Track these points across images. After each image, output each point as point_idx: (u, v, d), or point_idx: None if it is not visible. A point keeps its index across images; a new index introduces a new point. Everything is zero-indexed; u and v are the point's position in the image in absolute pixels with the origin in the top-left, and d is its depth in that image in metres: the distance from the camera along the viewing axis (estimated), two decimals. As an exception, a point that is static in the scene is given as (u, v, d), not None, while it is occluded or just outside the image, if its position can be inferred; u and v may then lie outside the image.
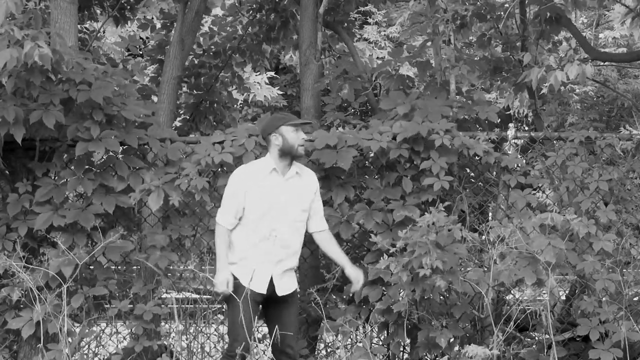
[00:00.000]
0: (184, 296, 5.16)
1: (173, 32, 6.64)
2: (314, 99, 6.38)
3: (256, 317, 4.15)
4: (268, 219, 4.09)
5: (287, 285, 4.19)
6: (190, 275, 5.33)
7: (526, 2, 6.22)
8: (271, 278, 4.12)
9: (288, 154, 4.14)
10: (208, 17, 8.66)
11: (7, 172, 4.95)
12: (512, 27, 6.65)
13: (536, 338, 5.16)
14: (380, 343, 5.07)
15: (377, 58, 13.65)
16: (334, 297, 5.07)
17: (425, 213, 4.36)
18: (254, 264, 4.10)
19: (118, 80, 4.98)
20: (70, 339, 4.60)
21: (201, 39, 8.01)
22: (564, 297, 5.36)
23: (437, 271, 4.18)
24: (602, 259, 4.71)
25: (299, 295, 4.33)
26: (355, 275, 4.28)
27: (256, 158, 4.87)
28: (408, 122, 4.95)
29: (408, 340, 4.97)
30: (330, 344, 5.31)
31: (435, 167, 4.81)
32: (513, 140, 5.29)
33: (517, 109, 7.29)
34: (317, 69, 6.38)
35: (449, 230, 4.30)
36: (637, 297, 4.95)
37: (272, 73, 13.70)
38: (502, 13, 5.99)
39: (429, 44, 6.44)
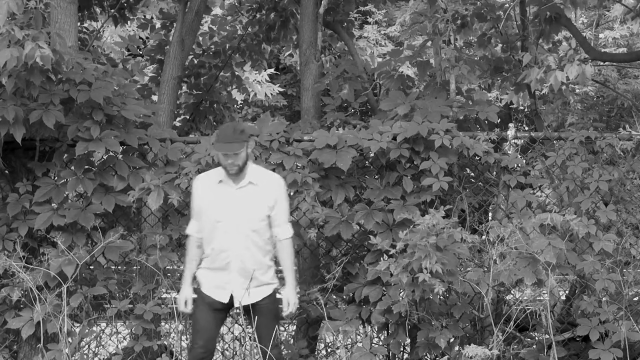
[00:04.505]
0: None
1: (173, 32, 6.65)
2: (314, 99, 6.38)
3: (217, 322, 4.08)
4: (220, 231, 3.98)
5: (250, 296, 4.01)
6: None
7: (526, 2, 6.22)
8: (233, 288, 4.02)
9: (225, 169, 4.01)
10: (208, 16, 8.67)
11: (7, 172, 4.95)
12: (513, 27, 6.65)
13: (536, 338, 5.16)
14: (380, 343, 5.07)
15: (378, 55, 13.65)
16: (334, 297, 5.06)
17: (426, 213, 4.36)
18: (215, 274, 4.05)
19: (118, 80, 4.98)
20: (70, 339, 4.60)
21: (201, 38, 8.02)
22: (564, 297, 5.36)
23: (436, 275, 4.17)
24: (602, 259, 4.71)
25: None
26: (287, 297, 4.08)
27: (256, 158, 4.89)
28: (408, 122, 4.95)
29: (408, 340, 4.97)
30: (330, 344, 5.31)
31: (435, 168, 4.81)
32: (513, 140, 5.29)
33: (521, 105, 7.29)
34: (317, 69, 6.38)
35: (449, 232, 4.30)
36: (637, 297, 4.95)
37: (272, 70, 13.68)
38: (501, 13, 5.99)
39: (429, 43, 6.44)
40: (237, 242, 3.98)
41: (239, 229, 3.98)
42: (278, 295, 4.16)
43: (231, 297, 4.04)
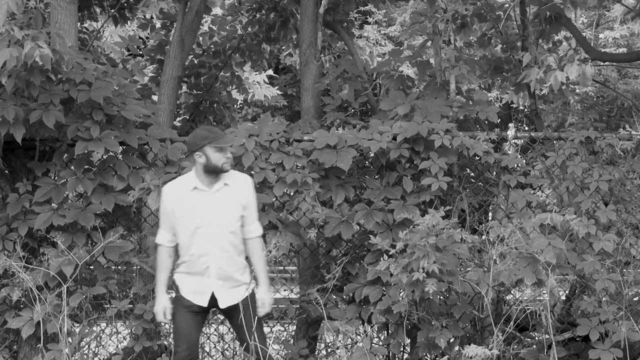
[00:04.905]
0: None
1: (173, 32, 6.65)
2: (314, 99, 6.38)
3: (198, 325, 4.10)
4: (200, 236, 3.99)
5: (230, 298, 4.05)
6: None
7: (526, 2, 6.22)
8: (213, 292, 4.04)
9: (213, 171, 4.00)
10: (208, 16, 8.66)
11: (7, 172, 4.95)
12: (513, 27, 6.65)
13: (536, 338, 5.16)
14: (380, 343, 5.07)
15: (378, 55, 13.64)
16: (334, 297, 5.06)
17: (426, 213, 4.36)
18: (193, 278, 4.06)
19: (118, 80, 4.99)
20: (70, 339, 4.60)
21: (201, 38, 8.01)
22: (564, 297, 5.36)
23: (433, 275, 4.17)
24: (602, 259, 4.71)
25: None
26: (262, 298, 4.09)
27: (256, 158, 4.89)
28: (408, 122, 4.95)
29: (408, 340, 4.97)
30: (330, 344, 5.31)
31: (434, 168, 4.81)
32: (513, 140, 5.29)
33: (521, 105, 7.30)
34: (317, 69, 6.38)
35: (449, 232, 4.30)
36: (637, 297, 4.95)
37: (271, 72, 13.67)
38: (502, 13, 5.99)
39: (429, 43, 6.44)
40: (216, 246, 4.00)
41: (219, 233, 4.00)
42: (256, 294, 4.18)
43: (211, 299, 4.05)
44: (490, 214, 5.33)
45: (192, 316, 4.06)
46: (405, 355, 5.08)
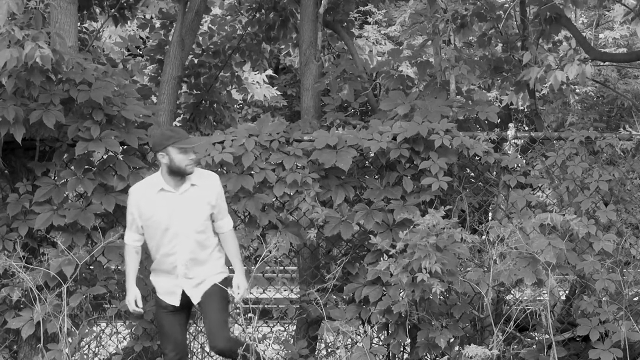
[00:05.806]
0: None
1: (173, 32, 6.65)
2: (314, 99, 6.37)
3: (181, 323, 4.17)
4: (167, 238, 4.03)
5: (200, 293, 4.11)
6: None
7: (526, 2, 6.22)
8: (183, 290, 4.10)
9: (177, 173, 4.01)
10: (207, 16, 8.65)
11: (7, 172, 4.95)
12: (513, 27, 6.64)
13: (536, 338, 5.16)
14: (380, 343, 5.07)
15: (378, 55, 13.63)
16: (334, 297, 5.07)
17: (426, 213, 4.37)
18: (164, 278, 4.12)
19: (118, 80, 4.98)
20: (70, 339, 4.60)
21: (200, 38, 8.01)
22: (564, 297, 5.36)
23: (435, 275, 4.17)
24: (602, 259, 4.71)
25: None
26: (236, 283, 4.15)
27: (256, 158, 4.89)
28: (408, 122, 4.95)
29: (408, 340, 4.97)
30: (330, 344, 5.31)
31: (434, 168, 4.82)
32: (513, 140, 5.29)
33: (521, 105, 7.29)
34: (317, 69, 6.38)
35: (449, 232, 4.30)
36: (637, 297, 4.95)
37: (271, 71, 13.66)
38: (502, 13, 5.99)
39: (429, 43, 6.44)
40: (184, 246, 4.04)
41: (187, 234, 4.03)
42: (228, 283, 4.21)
43: (183, 297, 4.11)
44: (490, 214, 5.33)
45: (172, 316, 4.12)
46: (405, 355, 5.08)
